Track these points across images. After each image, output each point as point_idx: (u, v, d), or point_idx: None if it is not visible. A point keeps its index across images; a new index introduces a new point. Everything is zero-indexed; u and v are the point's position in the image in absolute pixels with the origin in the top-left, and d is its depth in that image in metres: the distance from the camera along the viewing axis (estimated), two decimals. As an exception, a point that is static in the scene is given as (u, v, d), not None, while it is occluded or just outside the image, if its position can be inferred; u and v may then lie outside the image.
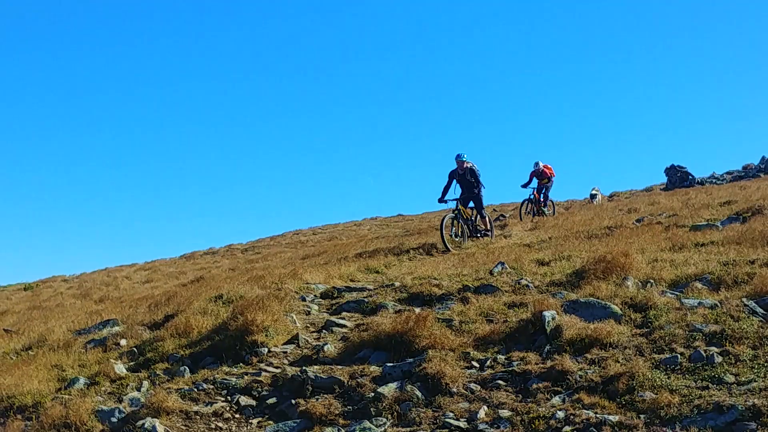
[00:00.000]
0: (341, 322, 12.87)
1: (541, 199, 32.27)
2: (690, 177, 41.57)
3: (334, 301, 14.70)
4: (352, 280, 16.59)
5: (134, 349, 13.16)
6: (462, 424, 8.41)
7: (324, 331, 12.68)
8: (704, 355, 8.81)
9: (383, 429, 8.62)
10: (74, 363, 12.86)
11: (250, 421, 9.88)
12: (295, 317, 13.34)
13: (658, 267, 12.98)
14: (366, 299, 13.98)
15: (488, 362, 9.85)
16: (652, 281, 12.02)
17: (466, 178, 22.67)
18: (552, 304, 10.98)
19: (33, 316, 21.67)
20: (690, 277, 12.10)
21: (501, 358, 9.92)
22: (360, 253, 22.72)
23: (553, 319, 10.36)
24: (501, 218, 33.00)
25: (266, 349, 11.87)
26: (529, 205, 32.20)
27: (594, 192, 39.74)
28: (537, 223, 26.81)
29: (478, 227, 23.32)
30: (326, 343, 11.66)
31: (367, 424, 8.77)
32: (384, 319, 11.82)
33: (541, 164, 32.33)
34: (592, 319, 10.39)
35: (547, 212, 31.97)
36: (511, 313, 11.41)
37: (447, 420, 8.54)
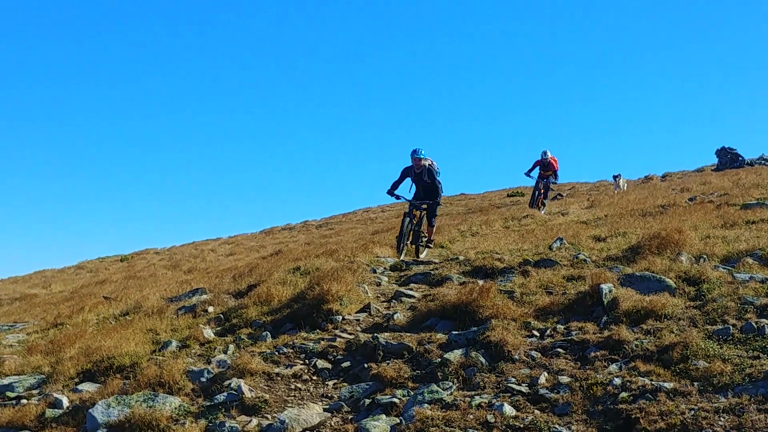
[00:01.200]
0: (409, 292, 12.88)
1: (542, 191, 28.27)
2: (740, 158, 40.91)
3: (402, 274, 14.74)
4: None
5: (221, 315, 13.30)
6: (524, 388, 8.36)
7: (393, 301, 12.72)
8: (755, 326, 8.67)
9: (450, 392, 8.59)
10: (167, 327, 13.04)
11: (326, 382, 9.94)
12: (366, 288, 13.40)
13: (710, 243, 12.81)
14: (432, 272, 13.99)
15: (548, 331, 9.79)
16: (704, 256, 11.88)
17: (423, 179, 17.80)
18: (609, 277, 10.88)
19: (129, 285, 21.98)
20: (741, 252, 11.92)
21: (560, 327, 9.86)
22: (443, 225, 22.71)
23: (610, 291, 10.26)
24: (559, 197, 32.65)
25: (340, 317, 11.95)
26: (538, 195, 28.38)
27: (616, 176, 35.81)
28: (593, 201, 26.52)
29: (422, 234, 18.23)
30: (396, 312, 11.68)
31: (434, 387, 8.75)
32: (449, 291, 11.81)
33: (549, 154, 27.92)
34: (647, 292, 10.30)
35: (544, 203, 28.17)
36: (569, 285, 11.33)
37: (509, 385, 8.49)
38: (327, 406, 9.21)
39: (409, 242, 17.69)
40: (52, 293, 25.50)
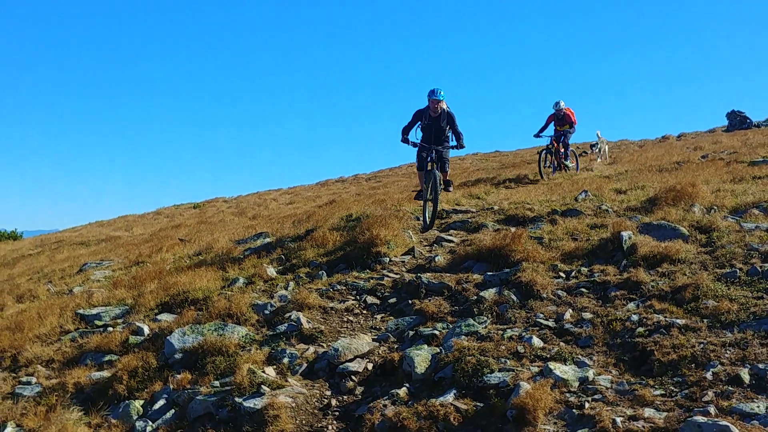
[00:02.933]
0: (449, 238, 12.91)
1: (561, 150, 22.86)
2: (748, 120, 40.25)
3: (442, 221, 14.73)
4: (457, 205, 16.56)
5: (282, 256, 13.42)
6: (550, 323, 8.40)
7: (435, 245, 12.77)
8: (760, 270, 8.65)
9: (484, 326, 8.65)
10: (234, 266, 13.19)
11: (374, 316, 10.04)
12: (411, 233, 13.45)
13: (720, 196, 12.69)
14: (469, 220, 13.98)
15: (573, 273, 9.79)
16: (715, 208, 11.78)
17: (439, 124, 13.99)
18: (628, 225, 10.84)
19: (201, 229, 22.21)
20: (748, 204, 11.81)
21: (584, 270, 9.85)
22: (464, 183, 22.71)
23: (630, 238, 10.22)
24: (584, 154, 32.25)
25: (388, 259, 12.02)
26: (548, 156, 22.68)
27: (594, 145, 28.25)
28: (615, 158, 26.24)
29: (440, 180, 14.23)
30: (437, 255, 11.73)
31: (470, 321, 8.81)
32: (485, 236, 11.82)
33: (563, 105, 22.60)
34: (663, 238, 10.25)
35: (570, 166, 23.35)
36: (593, 233, 11.29)
37: (538, 320, 8.53)
38: (375, 337, 9.31)
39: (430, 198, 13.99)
40: (134, 235, 25.84)
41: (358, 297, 10.61)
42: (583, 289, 9.18)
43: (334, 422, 7.64)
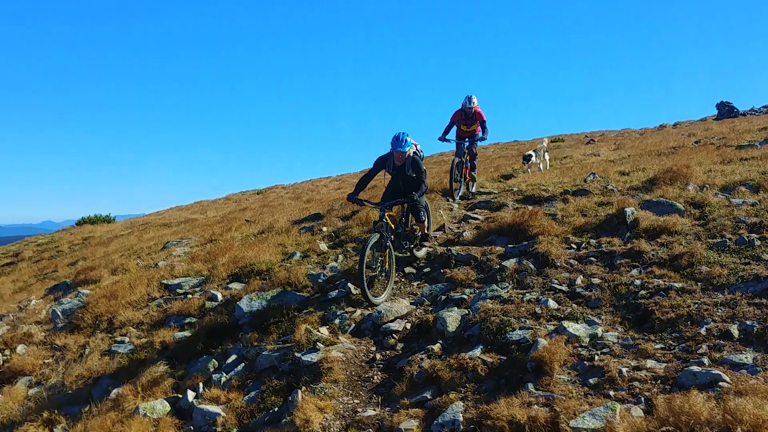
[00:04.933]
0: (474, 216, 12.84)
1: (469, 160, 15.66)
2: (735, 110, 39.61)
3: (469, 202, 14.67)
4: (481, 187, 16.47)
5: (332, 233, 13.46)
6: (564, 288, 8.33)
7: (462, 222, 12.72)
8: (747, 239, 8.52)
9: (506, 290, 8.60)
10: (292, 242, 13.26)
11: (411, 283, 10.03)
12: (442, 212, 13.41)
13: (711, 175, 12.52)
14: (492, 200, 13.91)
15: (583, 244, 9.70)
16: (707, 186, 11.62)
17: (405, 172, 10.31)
18: (631, 202, 10.71)
19: (264, 212, 22.32)
20: (736, 183, 11.65)
21: (593, 241, 9.75)
22: (486, 168, 22.54)
23: (633, 213, 10.10)
24: (591, 142, 31.78)
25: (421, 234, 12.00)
26: (458, 170, 15.43)
27: (528, 156, 19.68)
28: (619, 145, 25.88)
29: (414, 231, 10.87)
30: (464, 231, 11.68)
31: (494, 287, 8.77)
32: (506, 214, 11.75)
33: (475, 101, 14.98)
34: (661, 213, 10.13)
35: (470, 186, 16.01)
36: (600, 209, 11.16)
37: (553, 285, 8.46)
38: (412, 301, 9.31)
39: (386, 259, 9.84)
40: (208, 217, 26.06)
41: (397, 267, 10.61)
42: (592, 258, 9.09)
43: (379, 373, 7.66)
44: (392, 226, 10.07)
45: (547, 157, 20.96)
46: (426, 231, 10.81)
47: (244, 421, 7.29)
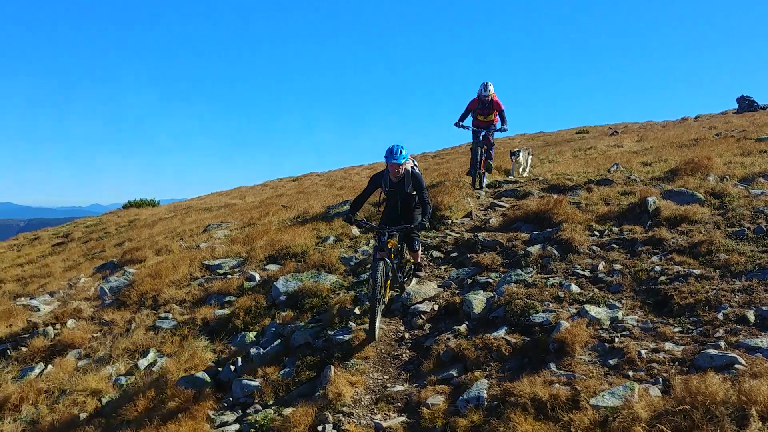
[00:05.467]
0: (501, 203, 12.82)
1: (485, 150, 14.34)
2: (755, 104, 38.90)
3: (495, 190, 14.63)
4: (508, 176, 16.41)
5: (364, 218, 13.47)
6: (586, 273, 8.31)
7: (489, 209, 12.70)
8: (765, 229, 8.44)
9: (530, 275, 8.59)
10: (326, 227, 13.33)
11: (439, 267, 10.06)
12: (469, 200, 13.39)
13: (731, 167, 12.38)
14: (518, 189, 13.86)
15: (606, 232, 9.66)
16: (727, 177, 11.49)
17: (404, 190, 8.64)
18: (653, 192, 10.63)
19: (299, 198, 22.43)
20: (755, 174, 11.51)
21: (615, 229, 9.70)
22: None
23: (654, 202, 10.02)
24: (615, 133, 31.37)
25: (450, 221, 12.02)
26: (481, 161, 14.38)
27: (514, 153, 17.39)
28: (642, 136, 25.58)
29: (408, 263, 9.24)
30: (491, 218, 11.67)
31: (519, 271, 8.77)
32: (531, 202, 11.71)
33: (492, 89, 13.70)
34: (682, 203, 10.04)
35: (482, 179, 14.76)
36: (623, 198, 11.09)
37: (575, 270, 8.45)
38: (440, 284, 9.33)
39: (385, 291, 8.24)
40: (246, 203, 26.24)
41: (426, 252, 10.63)
42: (614, 245, 9.05)
43: (407, 351, 7.71)
44: (392, 254, 8.31)
45: (530, 161, 18.22)
46: (419, 260, 9.26)
47: (279, 394, 7.39)
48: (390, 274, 8.19)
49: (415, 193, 8.49)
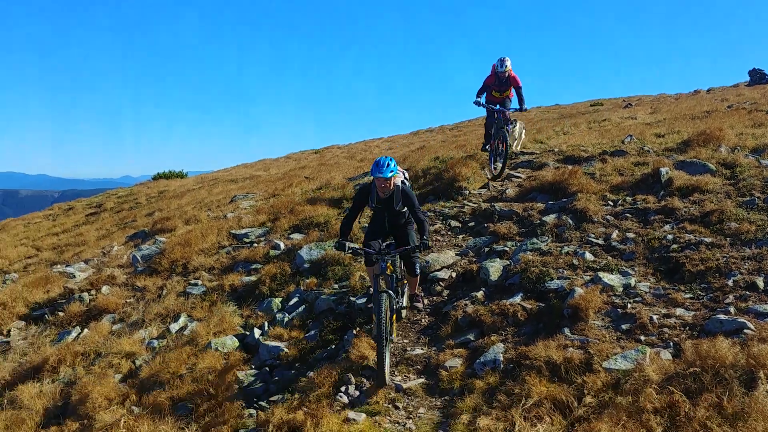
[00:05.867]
0: (517, 174, 12.74)
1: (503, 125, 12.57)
2: (767, 76, 38.23)
3: (512, 161, 14.53)
4: (524, 148, 16.30)
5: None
6: (600, 241, 8.29)
7: (505, 180, 12.62)
8: (776, 199, 8.34)
9: (546, 243, 8.58)
10: (349, 197, 13.32)
11: (457, 236, 10.06)
12: (486, 171, 13.31)
13: (743, 138, 12.19)
14: (534, 160, 13.75)
15: (619, 202, 9.59)
16: (738, 148, 11.34)
17: (392, 207, 7.25)
18: (666, 163, 10.53)
19: (321, 170, 22.45)
20: (766, 145, 11.34)
21: (628, 199, 9.63)
22: (528, 130, 22.25)
23: (667, 173, 9.93)
24: (629, 106, 30.95)
25: (467, 191, 11.97)
26: (498, 141, 12.70)
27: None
28: (655, 109, 25.24)
29: (403, 292, 7.70)
30: (507, 188, 11.62)
31: (534, 240, 8.75)
32: (546, 173, 11.64)
33: (509, 64, 12.34)
34: (694, 173, 9.94)
35: (497, 161, 12.95)
36: (636, 169, 10.99)
37: (589, 238, 8.42)
38: (458, 252, 9.35)
39: (391, 327, 6.90)
40: (271, 174, 26.30)
41: (444, 221, 10.63)
42: (627, 214, 9.00)
43: (426, 316, 7.76)
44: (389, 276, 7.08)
45: (523, 135, 16.46)
46: (416, 290, 7.89)
47: (304, 356, 7.48)
48: (394, 306, 6.95)
49: (406, 209, 7.24)
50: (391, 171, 6.89)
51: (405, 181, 7.39)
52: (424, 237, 6.81)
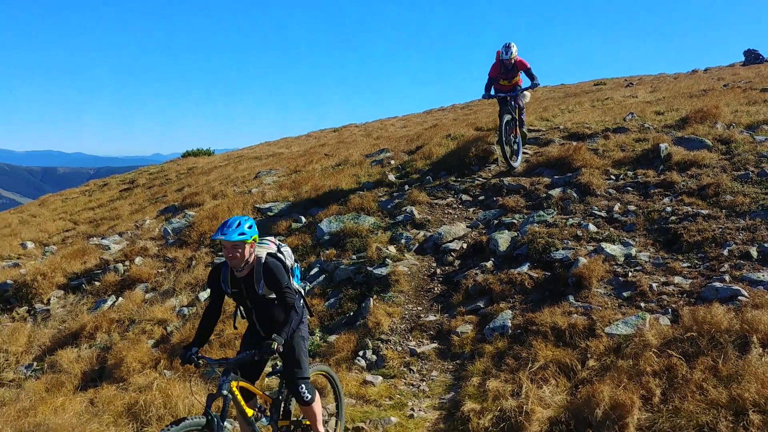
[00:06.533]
0: (524, 150, 12.64)
1: (514, 117, 11.20)
2: (761, 56, 37.60)
3: (520, 138, 14.44)
4: (531, 126, 16.18)
5: (399, 166, 13.45)
6: (603, 213, 8.26)
7: (514, 156, 12.53)
8: (769, 172, 8.26)
9: (551, 216, 8.55)
10: (365, 173, 13.30)
11: (468, 209, 10.04)
12: (495, 147, 13.23)
13: (738, 115, 12.04)
14: (540, 137, 13.64)
15: (621, 176, 9.53)
16: (734, 124, 11.20)
17: (254, 292, 4.44)
18: (665, 139, 10.42)
19: (340, 147, 22.40)
20: (760, 122, 11.19)
21: (630, 173, 9.56)
22: (535, 109, 22.07)
23: (666, 148, 9.84)
24: (630, 85, 30.56)
25: (477, 167, 11.88)
26: (511, 130, 11.13)
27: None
28: (655, 88, 24.93)
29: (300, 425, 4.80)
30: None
31: (541, 212, 8.73)
32: (552, 149, 11.55)
33: (514, 50, 11.08)
34: (692, 149, 9.84)
35: (520, 144, 11.65)
36: (637, 145, 10.88)
37: (593, 211, 8.39)
38: (468, 224, 9.34)
39: None
40: (292, 152, 26.30)
41: (455, 195, 10.59)
42: (628, 188, 8.95)
43: (439, 285, 7.79)
44: (247, 410, 4.36)
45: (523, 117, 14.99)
46: (318, 425, 4.73)
47: (324, 323, 7.55)
48: None
49: (274, 295, 4.48)
50: (242, 234, 4.33)
51: (276, 253, 4.64)
52: (283, 330, 4.26)
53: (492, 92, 11.27)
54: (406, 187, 11.49)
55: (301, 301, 4.83)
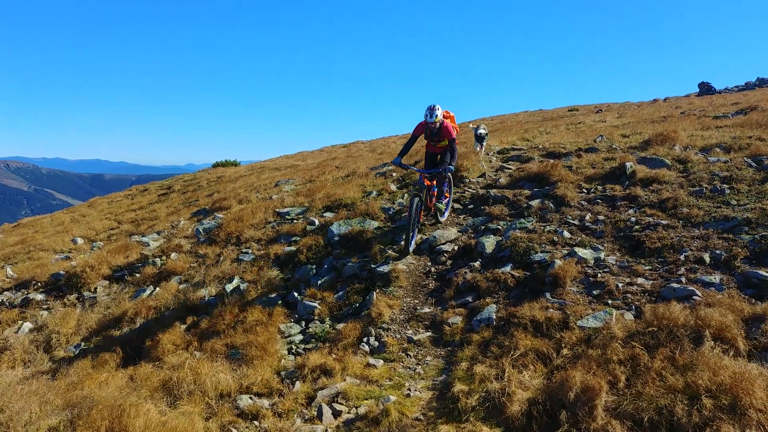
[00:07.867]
0: (508, 166, 12.63)
1: (436, 186, 9.15)
2: (713, 89, 37.80)
3: (504, 155, 14.39)
4: (514, 145, 16.15)
5: (399, 177, 13.44)
6: (576, 222, 8.22)
7: (499, 171, 12.52)
8: (719, 188, 8.26)
9: (531, 223, 8.53)
10: (370, 183, 13.28)
11: (458, 216, 10.01)
12: (483, 163, 13.22)
13: (693, 138, 12.01)
14: (522, 154, 13.63)
15: (592, 190, 9.51)
16: (690, 147, 11.18)
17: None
18: (630, 158, 10.41)
19: (348, 160, 22.39)
20: (712, 145, 11.16)
21: (599, 188, 9.54)
22: (517, 131, 22.04)
23: (631, 167, 9.83)
24: (599, 111, 30.52)
25: (467, 180, 11.88)
26: (420, 203, 8.65)
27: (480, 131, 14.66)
28: (621, 114, 24.91)
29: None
30: (500, 178, 11.53)
31: (522, 220, 8.71)
32: (532, 165, 11.54)
33: (439, 114, 8.62)
34: (653, 167, 9.83)
35: (442, 212, 9.42)
36: (606, 163, 10.87)
37: (568, 220, 8.36)
38: (459, 229, 9.31)
39: None
40: (307, 164, 26.28)
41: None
42: (598, 200, 8.92)
43: (433, 281, 7.76)
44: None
45: (484, 145, 14.73)
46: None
47: (334, 313, 7.52)
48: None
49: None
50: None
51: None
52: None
53: (401, 160, 8.80)
54: (406, 195, 11.48)
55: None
